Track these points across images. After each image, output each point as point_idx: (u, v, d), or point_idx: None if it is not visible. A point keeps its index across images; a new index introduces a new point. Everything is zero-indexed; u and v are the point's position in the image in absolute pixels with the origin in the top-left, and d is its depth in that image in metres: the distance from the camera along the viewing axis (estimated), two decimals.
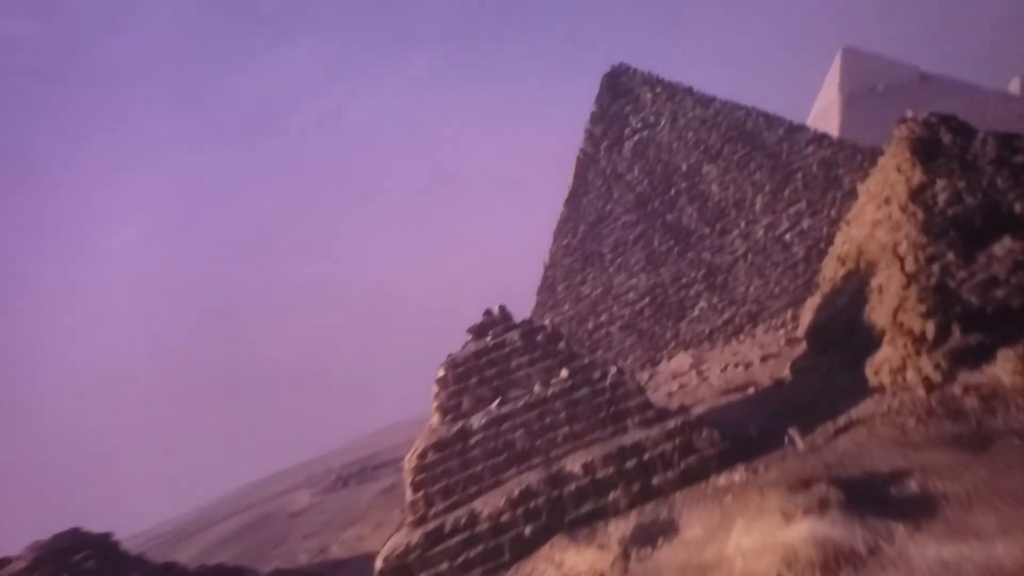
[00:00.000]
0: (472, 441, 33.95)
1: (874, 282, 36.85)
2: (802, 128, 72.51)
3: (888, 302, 34.69)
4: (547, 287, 68.83)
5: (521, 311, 68.41)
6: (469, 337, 37.95)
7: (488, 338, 37.27)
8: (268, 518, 79.58)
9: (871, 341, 35.25)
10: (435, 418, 35.76)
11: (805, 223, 65.15)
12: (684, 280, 65.01)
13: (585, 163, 77.78)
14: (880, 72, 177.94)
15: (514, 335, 36.90)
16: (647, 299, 64.66)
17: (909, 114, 40.86)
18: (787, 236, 65.04)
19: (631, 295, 65.37)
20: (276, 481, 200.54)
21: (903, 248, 35.20)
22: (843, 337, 39.50)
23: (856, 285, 39.38)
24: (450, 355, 37.18)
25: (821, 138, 70.22)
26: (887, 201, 38.31)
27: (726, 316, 61.44)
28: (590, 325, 64.71)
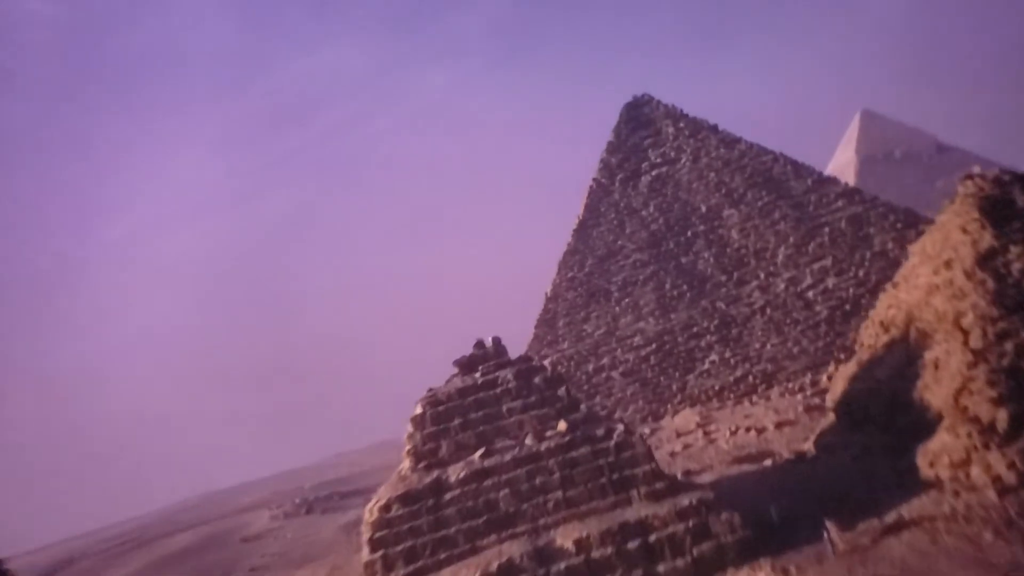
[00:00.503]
0: (447, 496, 28.60)
1: (928, 355, 31.92)
2: (832, 180, 68.23)
3: (948, 381, 29.74)
4: (547, 321, 63.79)
5: (517, 344, 63.39)
6: (455, 370, 32.76)
7: (477, 374, 32.10)
8: (220, 539, 73.41)
9: (922, 424, 30.24)
10: (406, 463, 30.41)
11: (830, 281, 60.44)
12: (695, 329, 60.05)
13: (598, 194, 73.29)
14: (898, 138, 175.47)
15: (507, 374, 31.75)
16: (654, 345, 59.62)
17: (976, 169, 36.39)
18: (810, 293, 60.27)
19: (637, 339, 60.35)
20: (244, 492, 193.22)
21: (968, 320, 30.32)
22: (883, 414, 34.50)
23: (903, 356, 34.43)
24: (431, 389, 31.96)
25: (852, 193, 65.89)
26: (948, 265, 33.50)
27: (739, 373, 56.37)
28: (590, 367, 59.57)
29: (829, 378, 53.08)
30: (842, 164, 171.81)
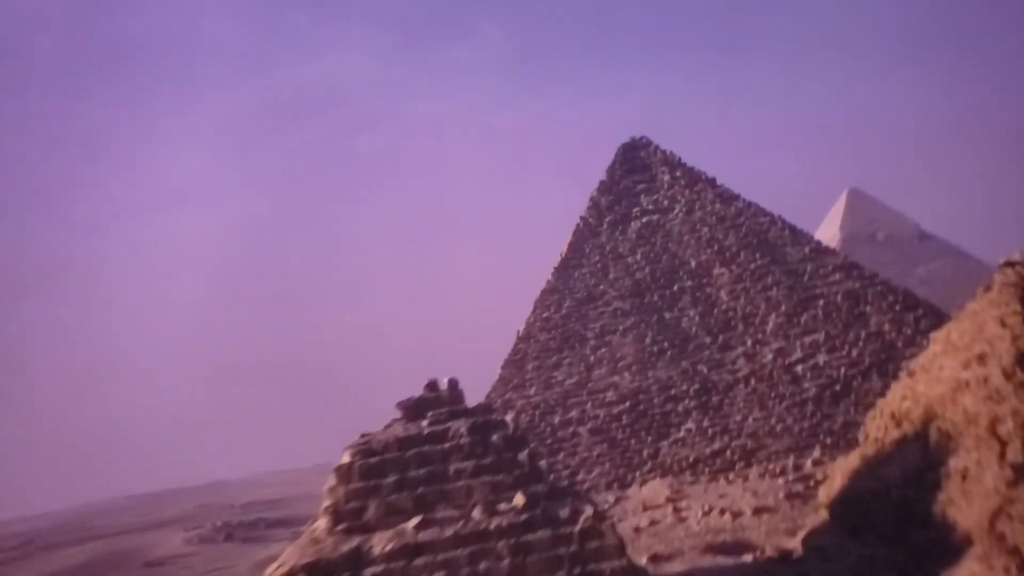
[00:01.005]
0: (367, 573, 22.95)
1: (954, 463, 27.32)
2: (830, 252, 64.56)
3: (981, 499, 25.11)
4: (515, 362, 58.55)
5: (477, 388, 57.62)
6: (398, 414, 27.30)
7: (424, 422, 26.70)
8: (121, 558, 65.92)
9: (944, 546, 25.50)
10: (321, 523, 24.73)
11: (821, 358, 56.19)
12: (674, 391, 55.22)
13: (584, 233, 68.79)
14: (882, 220, 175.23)
15: (461, 426, 26.38)
16: (628, 403, 54.60)
17: (1017, 256, 32.52)
18: (798, 368, 55.93)
19: (610, 394, 55.30)
20: (172, 500, 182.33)
21: (1007, 428, 25.81)
22: (890, 523, 29.78)
23: (919, 458, 29.79)
24: (364, 434, 26.46)
25: (850, 267, 62.14)
26: (981, 360, 29.11)
27: (716, 446, 51.50)
28: (557, 419, 54.29)
29: (814, 464, 48.45)
30: (825, 240, 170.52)
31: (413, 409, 27.13)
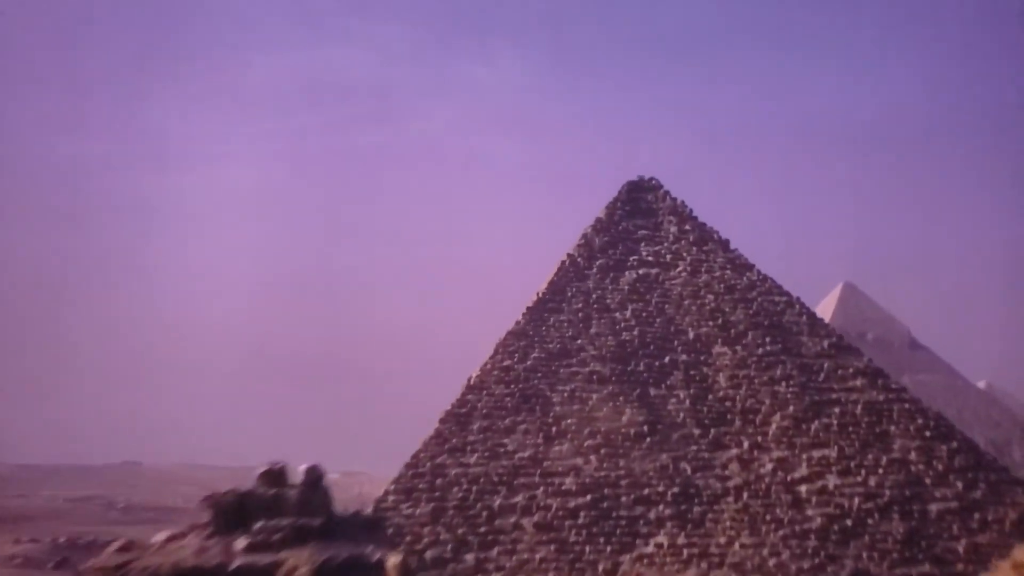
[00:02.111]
0: None
1: None
2: (854, 352, 54.55)
3: None
4: (459, 416, 46.66)
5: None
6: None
7: (239, 543, 14.78)
8: None
9: None
10: None
11: (831, 480, 45.60)
12: (647, 491, 43.87)
13: (569, 273, 57.71)
14: (874, 321, 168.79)
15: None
16: (589, 497, 43.01)
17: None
18: (802, 488, 45.23)
19: (569, 481, 43.69)
20: (57, 480, 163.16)
21: None
22: None
23: None
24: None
25: (876, 375, 52.13)
26: None
27: (691, 574, 40.03)
28: (497, 502, 42.31)
29: None
30: None
31: (226, 515, 15.05)
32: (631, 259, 59.26)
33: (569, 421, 46.98)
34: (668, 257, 59.88)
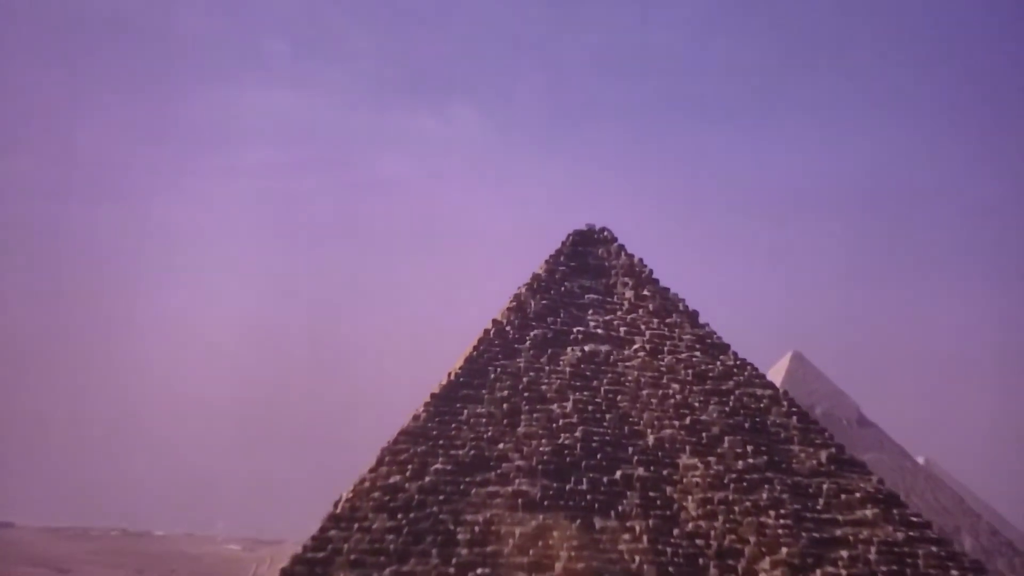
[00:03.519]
0: None
1: None
2: (860, 469, 41.91)
3: None
4: (311, 567, 31.40)
5: None
6: None
7: None
8: None
9: None
10: None
11: None
12: None
13: (492, 346, 43.95)
14: (822, 394, 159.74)
15: None
16: None
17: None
18: None
19: None
20: None
21: None
22: None
23: None
24: None
25: (891, 503, 39.54)
26: None
27: None
28: None
29: None
30: None
31: None
32: (575, 331, 45.85)
33: (480, 573, 32.39)
34: (622, 330, 46.72)
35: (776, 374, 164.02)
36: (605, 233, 52.07)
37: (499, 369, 41.97)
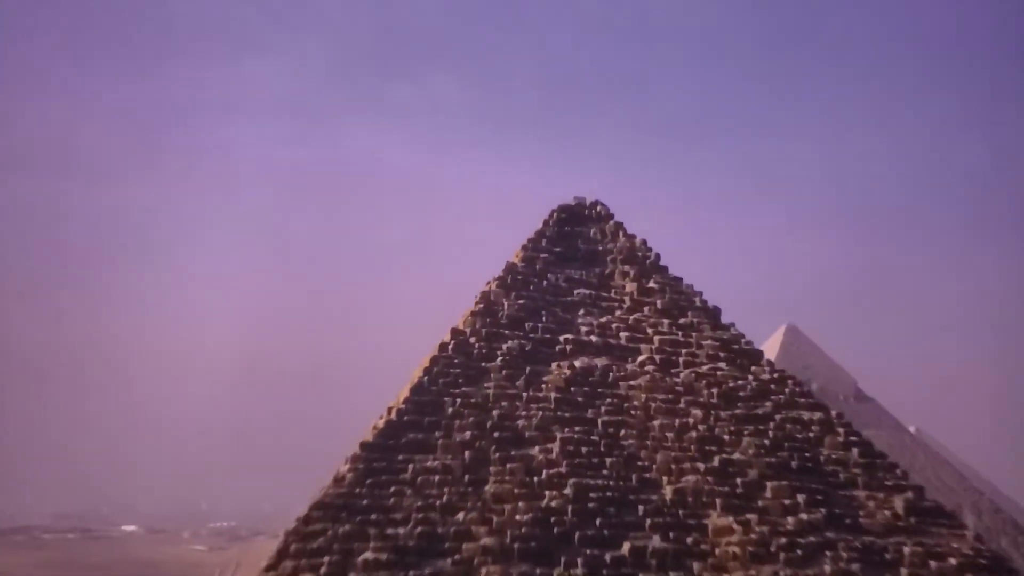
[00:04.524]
0: None
1: None
2: (948, 518, 31.30)
3: None
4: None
5: None
6: None
7: None
8: None
9: None
10: None
11: None
12: None
13: (451, 366, 32.61)
14: (818, 369, 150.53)
15: None
16: None
17: None
18: None
19: None
20: None
21: None
22: None
23: None
24: None
25: (995, 568, 28.86)
26: None
27: None
28: None
29: None
30: None
31: None
32: (562, 340, 34.65)
33: None
34: (623, 336, 35.60)
35: (770, 350, 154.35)
36: (599, 208, 40.68)
37: (459, 400, 30.72)
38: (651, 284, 37.73)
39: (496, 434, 29.84)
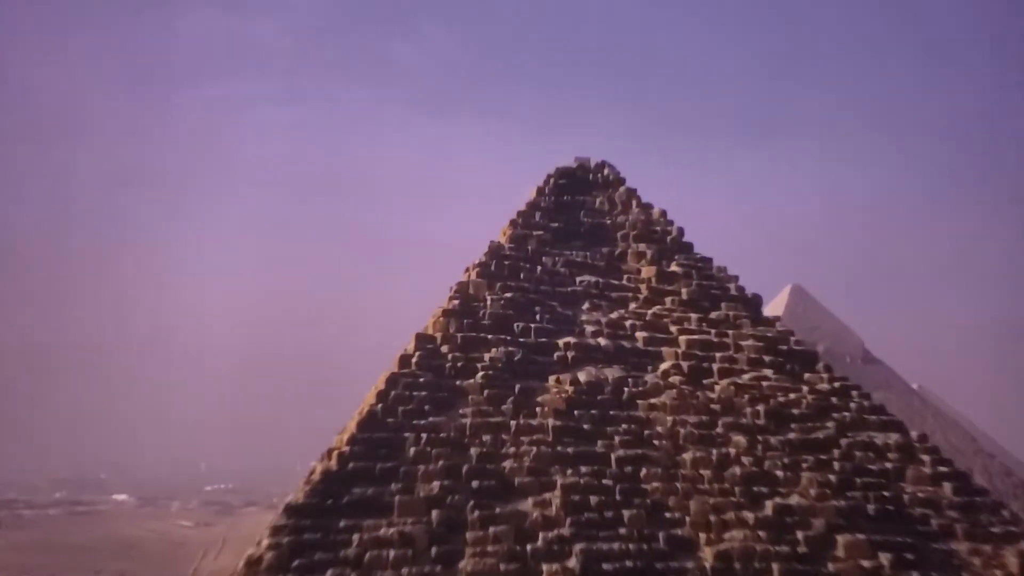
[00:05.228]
0: None
1: None
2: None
3: None
4: None
5: None
6: None
7: None
8: None
9: None
10: None
11: None
12: None
13: (410, 391, 24.56)
14: (825, 330, 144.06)
15: None
16: None
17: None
18: None
19: None
20: None
21: None
22: None
23: None
24: None
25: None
26: None
27: None
28: None
29: None
30: None
31: None
32: (562, 344, 26.69)
33: None
34: (640, 338, 27.63)
35: (774, 312, 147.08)
36: (606, 171, 32.33)
37: (425, 436, 22.86)
38: (674, 267, 29.66)
39: (475, 483, 22.08)
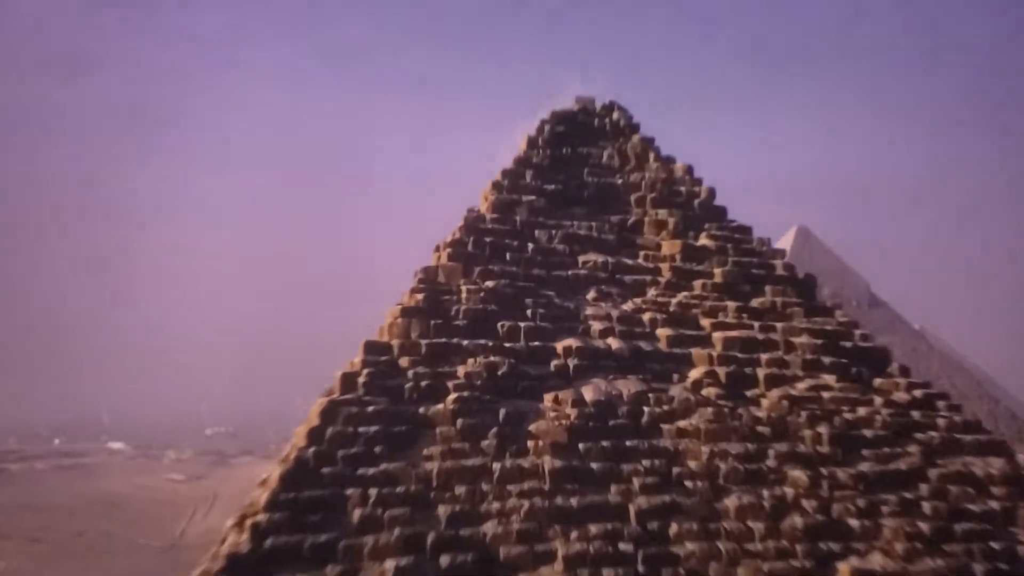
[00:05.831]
0: None
1: None
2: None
3: None
4: None
5: None
6: None
7: None
8: None
9: None
10: None
11: None
12: None
13: (356, 418, 18.11)
14: (830, 272, 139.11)
15: None
16: None
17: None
18: None
19: None
20: None
21: None
22: None
23: None
24: None
25: None
26: None
27: None
28: None
29: None
30: None
31: None
32: (559, 349, 20.30)
33: None
34: (662, 337, 21.24)
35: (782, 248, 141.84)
36: (615, 115, 25.29)
37: (376, 491, 16.62)
38: (704, 241, 23.00)
39: (445, 559, 15.98)
